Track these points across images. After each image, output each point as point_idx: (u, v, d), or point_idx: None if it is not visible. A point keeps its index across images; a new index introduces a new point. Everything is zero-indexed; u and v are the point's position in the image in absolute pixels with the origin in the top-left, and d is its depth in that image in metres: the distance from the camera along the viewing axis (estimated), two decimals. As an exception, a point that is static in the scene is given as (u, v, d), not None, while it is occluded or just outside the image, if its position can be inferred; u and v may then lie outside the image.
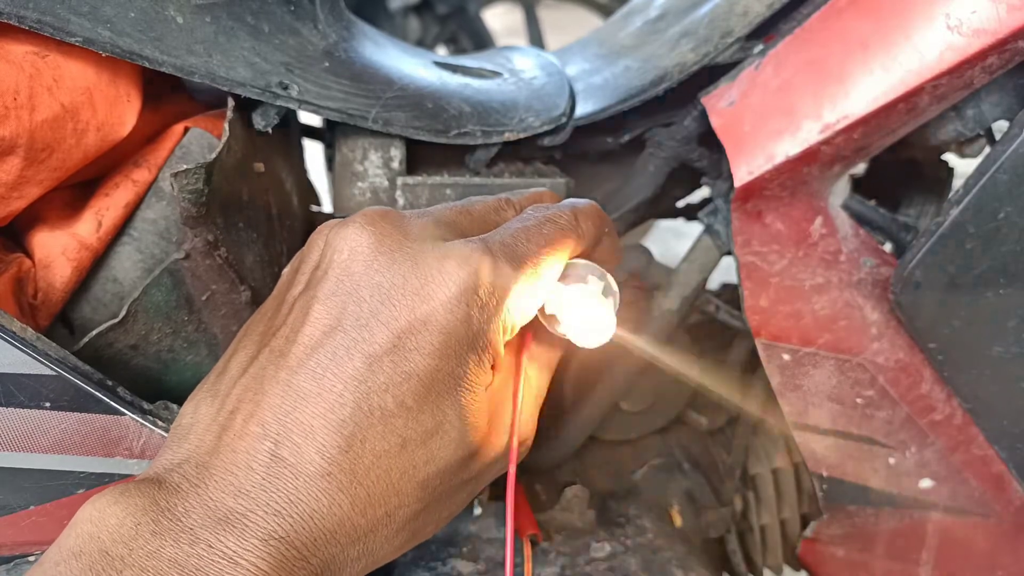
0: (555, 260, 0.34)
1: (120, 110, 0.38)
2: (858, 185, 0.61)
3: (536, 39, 1.96)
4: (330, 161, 0.51)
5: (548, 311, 0.35)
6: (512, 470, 0.34)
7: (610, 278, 0.35)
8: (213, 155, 0.38)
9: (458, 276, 0.30)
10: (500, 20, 2.06)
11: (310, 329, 0.30)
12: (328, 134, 0.52)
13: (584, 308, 0.33)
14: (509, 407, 0.34)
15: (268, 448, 0.28)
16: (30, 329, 0.34)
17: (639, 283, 0.56)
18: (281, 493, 0.28)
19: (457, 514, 0.35)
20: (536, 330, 0.36)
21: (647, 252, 0.58)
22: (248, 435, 0.29)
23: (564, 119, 0.49)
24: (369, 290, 0.30)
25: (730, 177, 0.46)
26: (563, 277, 0.35)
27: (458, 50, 1.84)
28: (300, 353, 0.30)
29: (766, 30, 0.47)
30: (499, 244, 0.32)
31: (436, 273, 0.30)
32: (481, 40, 1.81)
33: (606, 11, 2.00)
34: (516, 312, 0.32)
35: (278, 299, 0.34)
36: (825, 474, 0.52)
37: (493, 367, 0.34)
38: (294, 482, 0.28)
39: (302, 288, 0.32)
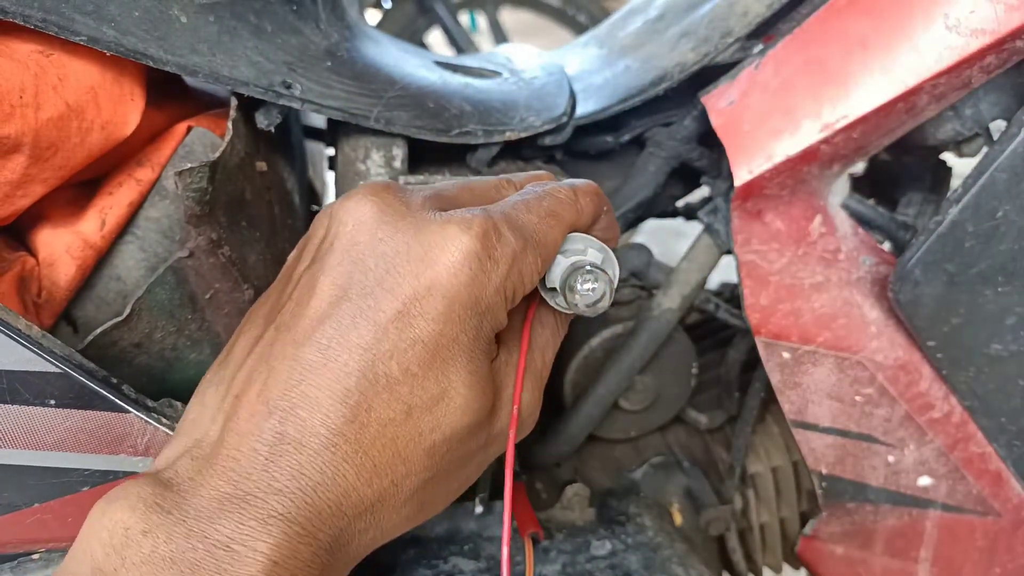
0: (555, 230, 0.34)
1: (124, 109, 0.38)
2: (857, 184, 0.62)
3: (501, 42, 2.00)
4: (332, 160, 0.51)
5: (548, 284, 0.35)
6: (512, 435, 0.33)
7: (609, 251, 0.36)
8: (216, 154, 0.38)
9: (460, 241, 0.30)
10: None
11: (316, 301, 0.30)
12: (330, 133, 0.52)
13: (583, 278, 0.33)
14: (514, 380, 0.35)
15: (273, 426, 0.28)
16: (35, 327, 0.34)
17: (639, 282, 0.56)
18: (284, 470, 0.28)
19: (467, 488, 0.35)
20: (540, 306, 0.37)
21: (647, 251, 0.58)
22: (255, 415, 0.29)
23: (565, 118, 0.50)
24: (374, 259, 0.30)
25: (730, 176, 0.46)
26: (563, 251, 0.35)
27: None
28: (307, 325, 0.30)
29: (766, 30, 0.47)
30: (500, 213, 0.33)
31: (439, 239, 0.30)
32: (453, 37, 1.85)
33: (560, 16, 2.03)
34: (518, 279, 0.32)
35: (284, 279, 0.34)
36: (824, 472, 0.52)
37: (497, 338, 0.34)
38: (297, 457, 0.28)
39: (308, 263, 0.33)
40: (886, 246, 0.54)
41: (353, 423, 0.29)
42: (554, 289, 0.35)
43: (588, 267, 0.34)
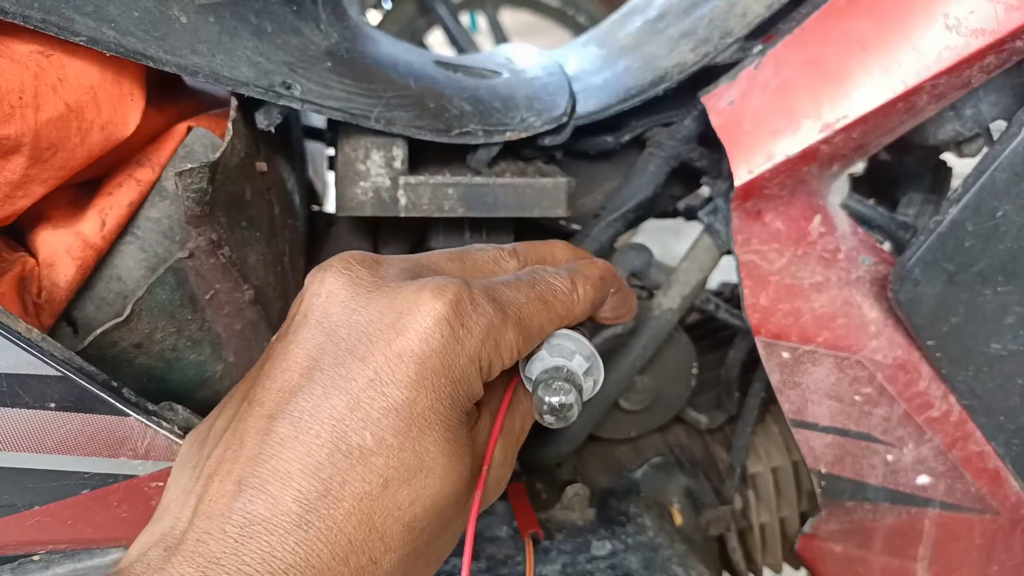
0: (541, 315, 0.33)
1: (124, 109, 0.38)
2: (857, 184, 0.62)
3: (500, 42, 2.02)
4: (332, 160, 0.51)
5: (526, 373, 0.34)
6: (477, 497, 0.32)
7: (597, 358, 0.35)
8: (217, 154, 0.38)
9: (432, 307, 0.29)
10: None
11: (288, 374, 0.29)
12: (330, 134, 0.52)
13: (557, 386, 0.32)
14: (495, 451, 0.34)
15: (242, 506, 0.27)
16: (35, 330, 0.33)
17: (639, 282, 0.56)
18: (254, 554, 0.26)
19: (447, 555, 0.34)
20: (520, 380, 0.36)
21: (647, 251, 0.58)
22: (224, 495, 0.27)
23: (565, 118, 0.50)
24: (347, 329, 0.30)
25: (730, 176, 0.46)
26: (551, 346, 0.34)
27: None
28: (278, 398, 0.29)
29: (765, 30, 0.47)
30: (481, 285, 0.32)
31: (412, 305, 0.30)
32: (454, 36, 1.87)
33: (560, 16, 2.04)
34: (494, 351, 0.31)
35: (263, 356, 0.33)
36: (823, 471, 0.52)
37: (480, 405, 0.33)
38: (268, 538, 0.26)
39: (282, 336, 0.32)
40: (886, 246, 0.54)
41: (326, 498, 0.27)
42: (529, 378, 0.34)
43: (566, 376, 0.33)
